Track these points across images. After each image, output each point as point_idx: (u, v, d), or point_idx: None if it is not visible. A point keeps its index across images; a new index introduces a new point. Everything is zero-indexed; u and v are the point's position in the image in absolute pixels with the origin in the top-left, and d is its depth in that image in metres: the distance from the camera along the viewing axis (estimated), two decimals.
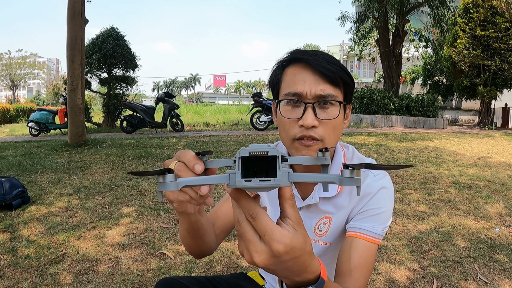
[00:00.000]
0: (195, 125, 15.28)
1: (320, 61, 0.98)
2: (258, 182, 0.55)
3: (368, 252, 1.01)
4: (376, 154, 7.42)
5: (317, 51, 1.04)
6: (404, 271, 2.72)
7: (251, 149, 0.57)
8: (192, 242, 1.02)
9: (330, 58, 1.01)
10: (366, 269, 0.99)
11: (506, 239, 3.33)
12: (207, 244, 1.06)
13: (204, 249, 1.07)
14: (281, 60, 1.07)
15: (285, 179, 0.56)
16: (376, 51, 24.54)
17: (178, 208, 0.80)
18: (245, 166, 0.58)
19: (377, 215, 1.06)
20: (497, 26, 16.21)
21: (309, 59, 0.99)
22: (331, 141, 1.02)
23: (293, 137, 1.00)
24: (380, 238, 1.05)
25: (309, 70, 0.99)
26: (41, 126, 11.73)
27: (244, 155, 0.57)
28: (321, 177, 0.59)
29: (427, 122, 16.09)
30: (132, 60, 14.35)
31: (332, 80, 0.99)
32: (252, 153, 0.56)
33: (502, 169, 6.29)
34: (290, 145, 1.03)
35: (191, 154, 0.65)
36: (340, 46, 42.76)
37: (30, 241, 3.11)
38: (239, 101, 59.90)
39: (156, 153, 7.13)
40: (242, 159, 0.57)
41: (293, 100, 1.00)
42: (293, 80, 1.01)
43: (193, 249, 1.06)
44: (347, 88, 1.03)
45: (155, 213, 3.81)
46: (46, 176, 5.37)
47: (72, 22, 7.68)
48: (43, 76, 61.49)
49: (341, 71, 1.00)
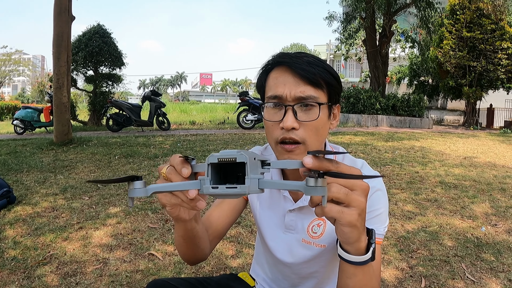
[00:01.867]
0: (181, 123, 15.21)
1: (300, 63, 0.99)
2: (225, 189, 0.56)
3: (377, 252, 1.02)
4: (363, 154, 7.47)
5: (302, 52, 1.04)
6: (392, 271, 2.73)
7: (220, 155, 0.56)
8: (187, 249, 1.02)
9: (313, 59, 1.01)
10: (378, 270, 1.00)
11: (493, 238, 3.37)
12: (202, 250, 1.07)
13: (198, 256, 1.08)
14: (265, 64, 1.08)
15: (254, 186, 0.55)
16: (362, 51, 24.75)
17: (172, 213, 0.81)
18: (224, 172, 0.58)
19: (377, 217, 1.07)
20: (483, 28, 16.43)
21: (289, 62, 1.00)
22: (314, 143, 1.02)
23: (276, 140, 1.01)
24: (382, 237, 1.06)
25: (289, 72, 1.00)
26: (26, 124, 11.56)
27: (212, 161, 0.56)
28: (289, 184, 0.60)
29: (413, 122, 16.25)
30: (119, 57, 14.21)
31: (312, 82, 0.98)
32: (220, 160, 0.56)
33: (487, 169, 6.38)
34: (275, 148, 1.04)
35: (179, 159, 0.67)
36: (327, 46, 42.92)
37: (17, 242, 3.06)
38: (225, 100, 59.82)
39: (142, 152, 7.08)
40: (212, 165, 0.57)
41: (275, 103, 1.01)
42: (274, 84, 1.02)
43: (188, 256, 1.06)
44: (331, 88, 1.02)
45: (143, 213, 3.78)
46: (31, 175, 5.30)
47: (58, 19, 7.58)
48: (28, 73, 60.55)
49: (324, 72, 1.00)
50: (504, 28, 16.46)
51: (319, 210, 0.66)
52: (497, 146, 10.03)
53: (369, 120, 15.25)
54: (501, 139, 12.02)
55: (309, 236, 1.14)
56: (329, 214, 0.66)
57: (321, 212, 0.66)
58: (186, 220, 0.88)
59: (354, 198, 0.66)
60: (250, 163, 0.57)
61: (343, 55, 26.01)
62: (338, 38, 21.11)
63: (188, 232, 0.94)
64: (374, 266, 0.99)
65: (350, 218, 0.67)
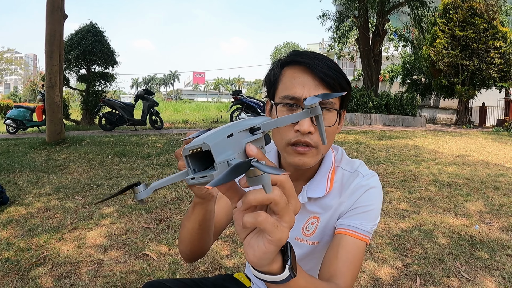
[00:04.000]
0: (174, 122, 15.18)
1: (321, 66, 0.97)
2: (200, 178, 0.55)
3: (357, 249, 1.00)
4: (356, 153, 7.48)
5: (318, 54, 1.02)
6: (387, 269, 2.74)
7: (190, 146, 0.55)
8: (199, 237, 1.00)
9: (331, 63, 1.00)
10: (354, 265, 0.98)
11: (486, 236, 3.39)
12: (210, 241, 1.06)
13: (204, 246, 1.05)
14: (281, 60, 1.05)
15: (224, 170, 0.52)
16: (355, 49, 24.80)
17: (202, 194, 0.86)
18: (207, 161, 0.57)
19: (366, 213, 1.06)
20: (476, 27, 16.52)
21: (310, 63, 0.97)
22: (325, 147, 1.02)
23: (288, 142, 0.99)
24: (368, 236, 1.04)
25: (309, 74, 0.97)
26: (19, 123, 11.47)
27: (186, 154, 0.55)
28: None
29: (406, 120, 16.31)
30: (111, 56, 14.13)
31: (331, 87, 0.97)
32: (191, 150, 0.55)
33: (480, 167, 6.41)
34: (283, 148, 1.02)
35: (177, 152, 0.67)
36: (320, 44, 42.94)
37: (10, 243, 3.03)
38: (218, 98, 59.78)
39: (135, 151, 7.05)
40: (192, 156, 0.56)
41: (290, 104, 0.99)
42: (291, 83, 0.99)
43: (195, 247, 1.03)
44: (344, 95, 1.01)
45: (137, 213, 3.76)
46: (24, 175, 5.26)
47: (51, 17, 7.53)
48: (20, 72, 60.08)
49: (341, 78, 0.99)
50: (497, 27, 16.55)
51: (250, 218, 0.54)
52: (490, 144, 10.09)
53: (362, 118, 15.29)
54: (493, 138, 12.10)
55: (303, 234, 1.14)
56: (262, 224, 0.54)
57: (253, 221, 0.54)
58: (213, 198, 0.90)
59: (289, 211, 0.56)
60: (221, 144, 0.54)
61: (336, 53, 26.02)
62: (331, 36, 21.15)
63: (207, 214, 0.93)
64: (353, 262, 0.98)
65: (281, 235, 0.55)
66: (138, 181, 0.60)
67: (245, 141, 0.58)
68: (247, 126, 0.60)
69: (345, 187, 1.11)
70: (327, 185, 1.10)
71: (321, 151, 1.00)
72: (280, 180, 0.55)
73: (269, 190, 0.52)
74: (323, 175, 1.11)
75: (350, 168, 1.14)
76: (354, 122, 15.14)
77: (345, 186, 1.11)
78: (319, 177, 1.11)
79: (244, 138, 0.59)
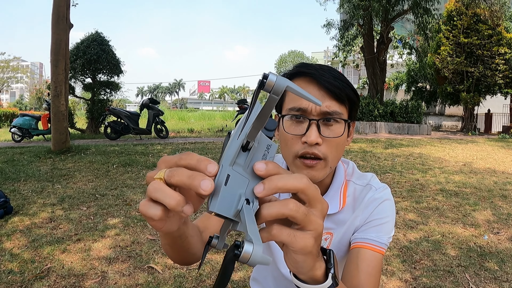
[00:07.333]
0: (179, 131, 15.18)
1: (327, 77, 0.95)
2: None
3: (376, 261, 0.99)
4: (362, 161, 7.44)
5: (324, 65, 1.01)
6: (396, 282, 2.69)
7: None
8: (176, 255, 0.91)
9: (337, 73, 0.98)
10: (374, 278, 0.97)
11: (495, 246, 3.34)
12: (194, 255, 0.96)
13: (189, 260, 0.98)
14: (287, 72, 1.03)
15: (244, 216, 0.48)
16: (360, 57, 24.79)
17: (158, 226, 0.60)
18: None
19: (382, 225, 1.05)
20: (480, 34, 16.50)
21: (315, 74, 0.96)
22: (334, 159, 0.99)
23: (295, 154, 0.97)
24: (385, 248, 1.03)
25: (315, 85, 0.96)
26: (24, 132, 11.51)
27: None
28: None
29: (412, 128, 16.25)
30: (117, 65, 14.19)
31: (338, 97, 0.96)
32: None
33: (487, 175, 6.35)
34: (292, 162, 0.99)
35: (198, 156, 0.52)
36: (325, 53, 43.10)
37: (14, 254, 3.01)
38: (223, 107, 59.90)
39: (141, 161, 7.04)
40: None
41: (297, 116, 0.97)
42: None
43: (178, 260, 0.97)
44: (352, 105, 1.00)
45: (142, 224, 3.74)
46: (29, 184, 5.25)
47: (56, 27, 7.56)
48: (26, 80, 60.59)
49: (347, 88, 0.97)
50: (501, 33, 16.54)
51: (265, 233, 0.52)
52: (496, 151, 10.02)
53: (367, 127, 15.25)
54: (499, 145, 12.02)
55: None
56: (278, 238, 0.52)
57: (268, 236, 0.52)
58: (174, 231, 0.69)
59: (312, 219, 0.53)
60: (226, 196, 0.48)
61: (341, 62, 26.03)
62: (336, 45, 21.16)
63: (177, 239, 0.79)
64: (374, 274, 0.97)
65: (304, 243, 0.52)
66: (208, 238, 0.54)
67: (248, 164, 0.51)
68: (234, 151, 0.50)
69: (358, 201, 1.09)
70: (340, 201, 1.09)
71: (330, 163, 0.98)
72: (300, 188, 0.51)
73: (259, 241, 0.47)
74: (336, 190, 1.10)
75: (362, 182, 1.13)
76: (359, 131, 15.10)
77: (358, 200, 1.10)
78: (332, 192, 1.10)
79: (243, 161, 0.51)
